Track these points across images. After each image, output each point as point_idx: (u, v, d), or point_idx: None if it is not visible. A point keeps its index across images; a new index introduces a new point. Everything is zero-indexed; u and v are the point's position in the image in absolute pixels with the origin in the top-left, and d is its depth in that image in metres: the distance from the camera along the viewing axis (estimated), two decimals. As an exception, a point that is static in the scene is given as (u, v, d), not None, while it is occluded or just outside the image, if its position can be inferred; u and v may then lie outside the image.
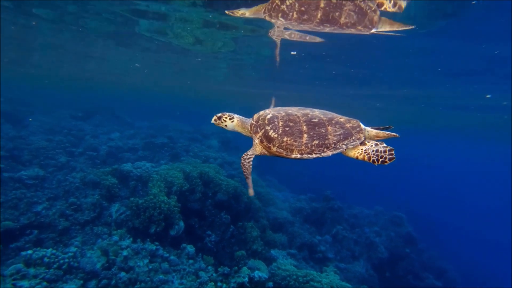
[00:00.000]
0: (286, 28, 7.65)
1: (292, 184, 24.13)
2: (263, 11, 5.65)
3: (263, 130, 3.04)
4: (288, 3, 5.32)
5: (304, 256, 12.74)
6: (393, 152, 2.87)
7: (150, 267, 7.78)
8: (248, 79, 21.54)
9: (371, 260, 14.76)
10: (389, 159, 2.83)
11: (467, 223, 31.48)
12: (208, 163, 13.50)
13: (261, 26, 9.33)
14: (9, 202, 9.30)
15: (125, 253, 7.84)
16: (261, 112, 3.23)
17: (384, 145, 2.94)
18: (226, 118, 3.27)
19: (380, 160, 2.84)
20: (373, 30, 5.68)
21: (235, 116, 3.31)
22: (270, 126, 3.00)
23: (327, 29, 6.31)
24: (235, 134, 3.60)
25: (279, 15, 5.70)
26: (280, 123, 2.98)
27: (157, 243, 8.48)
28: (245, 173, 3.22)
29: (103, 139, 17.92)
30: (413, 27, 7.00)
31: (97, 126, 22.37)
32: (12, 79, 41.21)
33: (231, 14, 6.39)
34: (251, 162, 3.24)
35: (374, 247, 15.22)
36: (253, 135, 3.16)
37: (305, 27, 6.50)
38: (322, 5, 5.11)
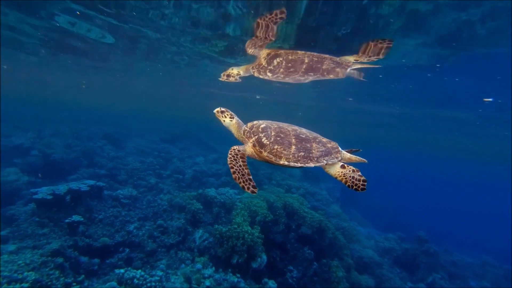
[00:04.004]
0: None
1: (375, 219, 22.15)
2: (251, 67, 6.55)
3: (256, 136, 3.33)
4: (276, 62, 6.34)
5: (395, 305, 11.21)
6: (366, 183, 3.20)
7: (232, 301, 7.43)
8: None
9: (479, 322, 12.39)
10: (361, 189, 3.19)
11: None
12: (290, 193, 12.99)
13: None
14: (107, 219, 9.99)
15: (207, 283, 7.63)
16: (254, 122, 3.53)
17: (360, 174, 3.27)
18: (227, 115, 3.52)
19: (354, 187, 3.21)
20: (348, 70, 6.84)
21: (235, 117, 3.56)
22: (264, 134, 3.31)
23: (311, 77, 7.35)
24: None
25: (267, 71, 6.73)
26: (273, 133, 3.31)
27: (238, 275, 8.12)
28: (232, 168, 3.26)
29: (188, 163, 18.77)
30: (379, 66, 7.49)
31: (183, 150, 23.75)
32: (115, 106, 46.79)
33: (226, 78, 7.15)
34: (240, 158, 3.33)
35: (483, 306, 12.80)
36: (246, 139, 3.43)
37: (289, 79, 7.36)
38: (306, 60, 6.39)
